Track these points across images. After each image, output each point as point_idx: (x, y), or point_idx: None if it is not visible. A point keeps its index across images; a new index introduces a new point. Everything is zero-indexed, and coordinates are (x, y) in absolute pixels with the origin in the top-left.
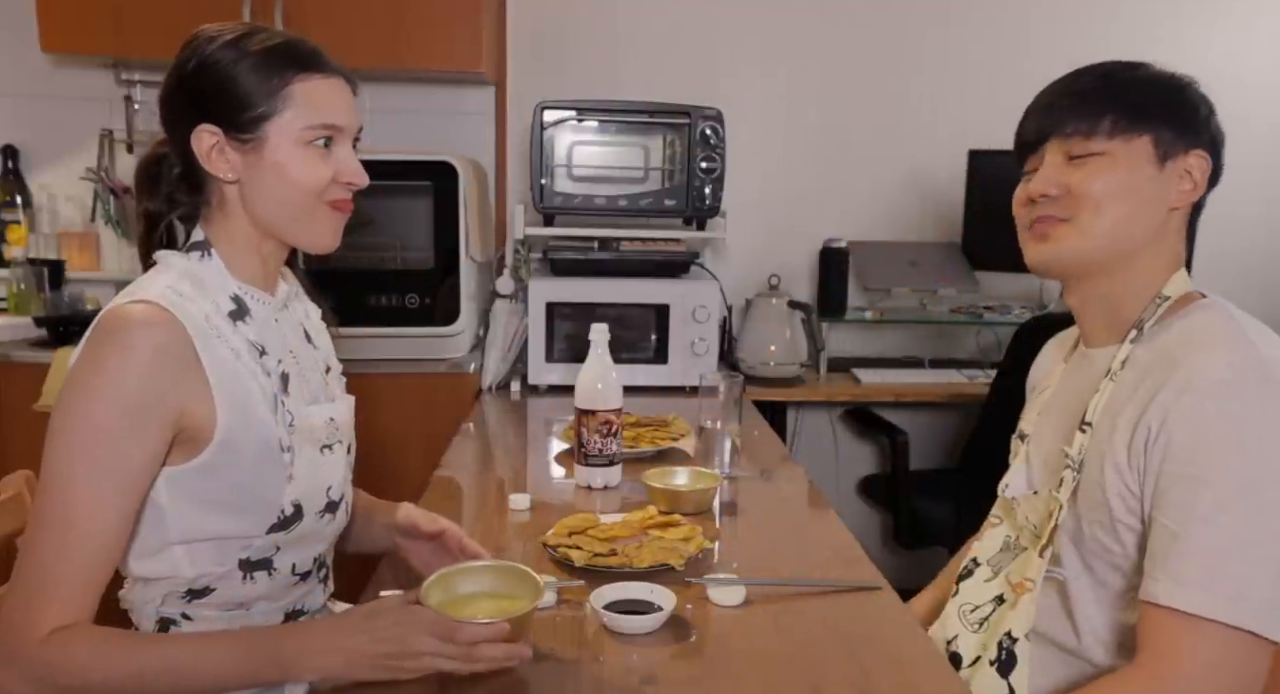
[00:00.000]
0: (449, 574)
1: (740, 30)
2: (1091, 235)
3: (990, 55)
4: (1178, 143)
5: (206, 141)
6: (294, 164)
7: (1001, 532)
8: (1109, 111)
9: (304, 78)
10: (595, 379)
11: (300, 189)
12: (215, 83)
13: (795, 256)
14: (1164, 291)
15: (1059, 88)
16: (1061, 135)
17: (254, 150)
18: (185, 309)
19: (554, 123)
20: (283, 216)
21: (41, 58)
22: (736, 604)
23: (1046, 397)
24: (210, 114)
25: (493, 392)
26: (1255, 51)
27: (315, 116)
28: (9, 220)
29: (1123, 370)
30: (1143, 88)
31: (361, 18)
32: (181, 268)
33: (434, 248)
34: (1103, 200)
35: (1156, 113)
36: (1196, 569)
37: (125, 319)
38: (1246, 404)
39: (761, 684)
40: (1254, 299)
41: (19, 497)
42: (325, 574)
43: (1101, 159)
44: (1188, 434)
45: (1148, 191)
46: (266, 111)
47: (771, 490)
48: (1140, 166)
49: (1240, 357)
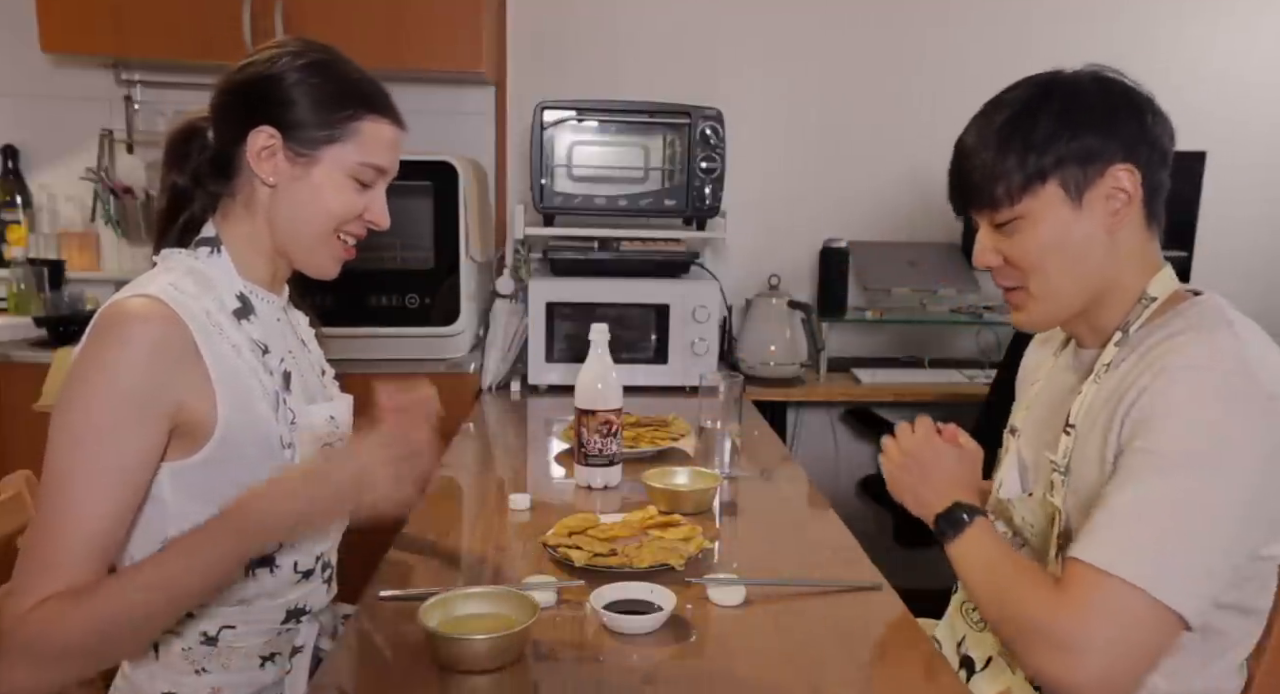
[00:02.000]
0: (447, 598)
1: (740, 30)
2: (1046, 298)
3: (990, 55)
4: (1089, 170)
5: (263, 141)
6: (334, 191)
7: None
8: (1005, 176)
9: (374, 119)
10: (595, 379)
11: (329, 214)
12: (294, 91)
13: (795, 256)
14: (1149, 292)
15: (957, 160)
16: (976, 211)
17: (304, 165)
18: (186, 305)
19: (554, 123)
20: (298, 234)
21: (41, 58)
22: (736, 604)
23: (1035, 392)
24: (276, 117)
25: (493, 392)
26: (1257, 52)
27: (371, 156)
28: (9, 220)
29: (1106, 372)
30: (1032, 135)
31: (361, 18)
32: (186, 265)
33: (434, 248)
34: (1038, 264)
35: (1052, 156)
36: (1110, 527)
37: (123, 314)
38: (1215, 390)
39: (761, 684)
40: (1255, 299)
41: (19, 497)
42: (330, 575)
43: (1020, 222)
44: (1152, 411)
45: (1075, 234)
46: (331, 136)
47: (771, 490)
48: (1056, 215)
49: (1222, 349)
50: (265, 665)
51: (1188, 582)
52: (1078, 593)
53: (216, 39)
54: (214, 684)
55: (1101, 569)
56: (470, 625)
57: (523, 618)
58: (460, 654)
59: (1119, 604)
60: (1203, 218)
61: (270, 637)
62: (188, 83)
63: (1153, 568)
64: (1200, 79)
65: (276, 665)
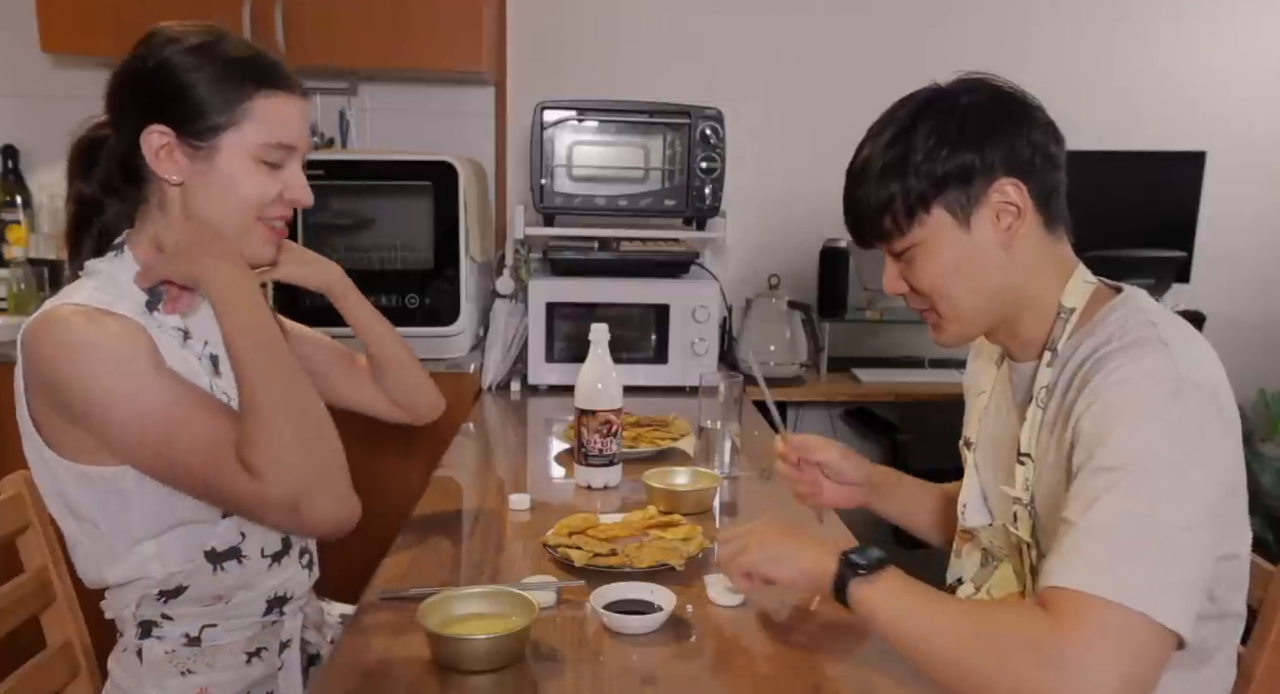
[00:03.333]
0: (446, 598)
1: (740, 30)
2: (956, 319)
3: (990, 55)
4: (970, 190)
5: (156, 141)
6: (243, 178)
7: (977, 546)
8: (892, 205)
9: (267, 94)
10: (595, 379)
11: (245, 203)
12: (175, 85)
13: (795, 257)
14: (1065, 303)
15: (847, 188)
16: (871, 241)
17: (205, 158)
18: (114, 307)
19: (554, 123)
20: (220, 227)
21: (41, 58)
22: (736, 604)
23: (983, 404)
24: (165, 115)
25: (493, 391)
26: (1259, 52)
27: (272, 135)
28: (9, 220)
29: (1046, 396)
30: (908, 162)
31: (361, 18)
32: (104, 273)
33: (434, 248)
34: (939, 289)
35: (931, 182)
36: (1081, 549)
37: (62, 315)
38: (1151, 398)
39: (761, 684)
40: (1255, 299)
41: (19, 497)
42: (309, 560)
43: (915, 250)
44: (1095, 430)
45: (969, 254)
46: (224, 122)
47: (771, 490)
48: (948, 239)
49: (1150, 356)
50: (252, 661)
51: (1181, 600)
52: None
53: None
54: (201, 684)
55: (1098, 597)
56: (470, 625)
57: (523, 618)
58: (460, 654)
59: (1127, 634)
60: (1203, 218)
61: (254, 631)
62: None
63: (1149, 591)
64: (1200, 79)
65: (264, 661)
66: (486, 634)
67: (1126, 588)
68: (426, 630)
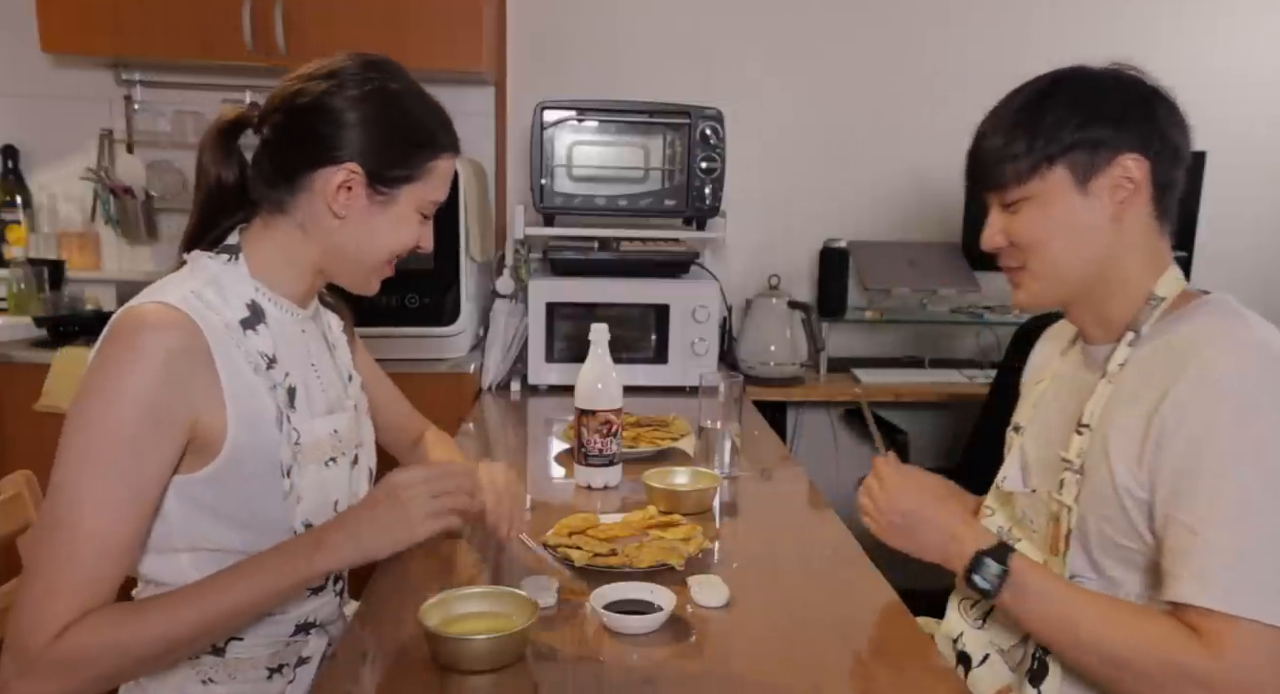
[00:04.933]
0: (447, 598)
1: (740, 30)
2: (1045, 277)
3: (990, 55)
4: (1097, 158)
5: (343, 178)
6: (405, 227)
7: (995, 522)
8: (1018, 157)
9: (446, 156)
10: (595, 379)
11: (392, 247)
12: (376, 129)
13: (795, 256)
14: (1156, 292)
15: (976, 139)
16: (988, 189)
17: (381, 203)
18: (206, 316)
19: (554, 123)
20: (361, 264)
21: (41, 58)
22: (720, 605)
23: (1041, 390)
24: (357, 155)
25: (493, 391)
26: (1259, 52)
27: (440, 192)
28: (9, 220)
29: (1121, 372)
30: (1042, 121)
31: (361, 18)
32: (212, 271)
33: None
34: (1038, 244)
35: (1062, 142)
36: (1223, 567)
37: (138, 320)
38: (1259, 398)
39: (761, 684)
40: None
41: (19, 497)
42: (341, 587)
43: (1027, 203)
44: (1203, 430)
45: (1080, 219)
46: (410, 175)
47: (771, 490)
48: (1063, 198)
49: (1251, 351)
50: (273, 677)
51: None
52: (1234, 646)
53: (216, 39)
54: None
55: (1239, 616)
56: (470, 625)
57: (523, 618)
58: (460, 654)
59: (1258, 646)
60: (1203, 218)
61: (278, 649)
62: (187, 83)
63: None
64: (1200, 79)
65: (284, 677)
66: (486, 634)
67: (1263, 603)
68: (426, 630)
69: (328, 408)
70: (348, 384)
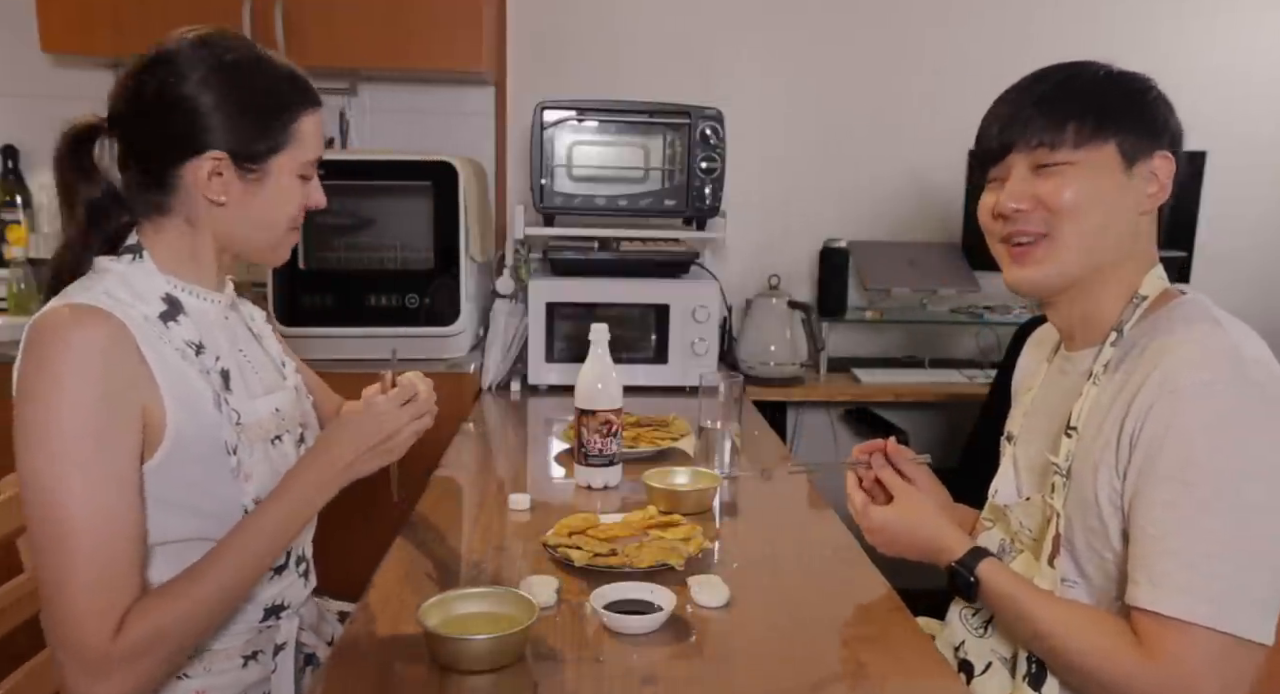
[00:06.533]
0: (447, 598)
1: (740, 30)
2: (1073, 248)
3: (990, 55)
4: (1142, 146)
5: (209, 167)
6: (288, 196)
7: (995, 535)
8: (1073, 120)
9: (309, 113)
10: (595, 379)
11: (286, 218)
12: (228, 108)
13: (795, 256)
14: (1140, 291)
15: (1018, 95)
16: (1026, 147)
17: (256, 180)
18: (125, 311)
19: (554, 123)
20: (258, 240)
21: (41, 58)
22: (720, 605)
23: (1030, 398)
24: (218, 140)
25: (493, 391)
26: (1260, 51)
27: (312, 152)
28: (9, 220)
29: (1105, 373)
30: (1105, 92)
31: (361, 18)
32: (117, 272)
33: (434, 248)
34: (1078, 211)
35: (1120, 118)
36: (1177, 573)
37: (59, 320)
38: (1226, 404)
39: (761, 684)
40: (1255, 299)
41: (19, 497)
42: (305, 568)
43: (1071, 168)
44: (1168, 435)
45: (1118, 199)
46: (276, 144)
47: (771, 490)
48: (1109, 174)
49: (1220, 357)
50: (248, 665)
51: (1269, 613)
52: (1175, 653)
53: None
54: (198, 688)
55: (1190, 622)
56: (470, 625)
57: (523, 618)
58: (460, 654)
59: (1221, 659)
60: (1203, 218)
61: (250, 636)
62: None
63: (1241, 612)
64: (1200, 78)
65: (260, 664)
66: (486, 634)
67: (1219, 612)
68: (426, 630)
69: (265, 389)
70: (282, 368)
